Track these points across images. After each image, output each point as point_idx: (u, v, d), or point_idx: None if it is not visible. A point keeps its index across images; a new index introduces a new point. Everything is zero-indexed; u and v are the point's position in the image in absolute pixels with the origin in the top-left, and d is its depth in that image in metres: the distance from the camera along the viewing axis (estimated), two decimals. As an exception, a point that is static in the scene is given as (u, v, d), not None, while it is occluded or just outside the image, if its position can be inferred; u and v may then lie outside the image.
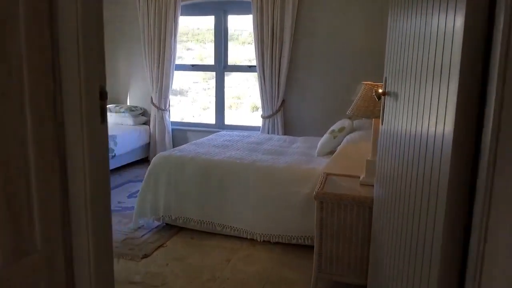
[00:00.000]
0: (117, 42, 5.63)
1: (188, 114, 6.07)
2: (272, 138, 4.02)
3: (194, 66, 5.56)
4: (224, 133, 4.30)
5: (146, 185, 3.12)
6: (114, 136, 4.72)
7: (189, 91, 6.23)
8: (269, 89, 4.82)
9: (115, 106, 5.45)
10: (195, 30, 5.76)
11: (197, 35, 5.78)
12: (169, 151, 3.27)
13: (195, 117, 6.06)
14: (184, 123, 5.76)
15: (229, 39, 5.31)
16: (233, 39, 5.47)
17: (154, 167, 3.12)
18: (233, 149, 3.43)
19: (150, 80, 5.34)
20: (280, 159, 3.08)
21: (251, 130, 5.24)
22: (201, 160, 3.03)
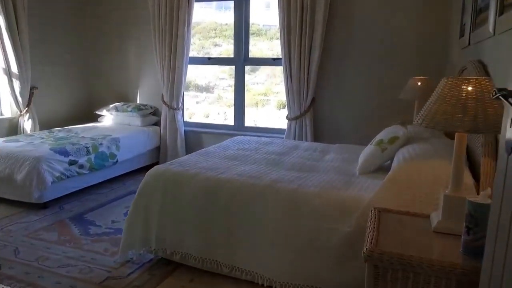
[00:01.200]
0: (126, 33, 5.01)
1: (213, 112, 5.66)
2: (299, 146, 3.24)
3: (211, 60, 4.85)
4: (241, 139, 3.56)
5: (136, 209, 2.43)
6: (116, 139, 4.10)
7: (216, 88, 5.86)
8: (296, 86, 4.04)
9: (123, 105, 4.84)
10: (223, 26, 5.32)
11: (225, 30, 5.35)
12: (166, 165, 2.57)
13: (220, 114, 5.62)
14: (199, 124, 5.08)
15: (256, 35, 4.72)
16: (261, 34, 5.06)
17: (145, 185, 2.43)
18: (248, 162, 2.68)
19: (161, 75, 4.68)
20: (309, 178, 2.30)
21: (275, 134, 4.48)
22: (205, 179, 2.31)
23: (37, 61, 4.49)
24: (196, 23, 5.14)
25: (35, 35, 4.42)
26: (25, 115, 4.27)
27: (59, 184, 3.45)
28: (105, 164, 3.89)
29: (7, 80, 4.10)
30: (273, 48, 4.93)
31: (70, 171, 3.50)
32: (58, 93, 4.85)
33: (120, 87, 5.20)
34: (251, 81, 5.99)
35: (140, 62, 5.03)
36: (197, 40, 5.29)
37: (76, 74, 5.11)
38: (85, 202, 3.59)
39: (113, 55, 5.13)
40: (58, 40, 4.79)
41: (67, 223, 3.09)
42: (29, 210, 3.32)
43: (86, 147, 3.72)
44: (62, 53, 4.87)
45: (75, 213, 3.31)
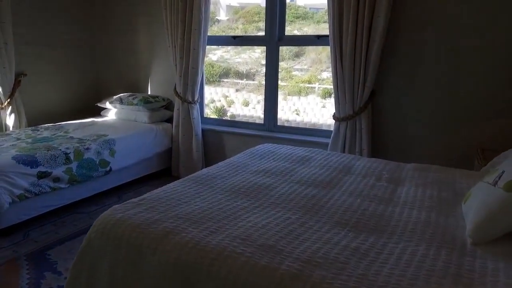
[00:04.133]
0: (135, 8, 4.06)
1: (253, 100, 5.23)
2: (353, 168, 2.10)
3: (236, 39, 3.78)
4: (267, 149, 2.49)
5: (75, 278, 1.46)
6: (110, 142, 3.19)
7: (257, 75, 5.43)
8: (348, 73, 2.87)
9: (128, 96, 3.92)
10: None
11: None
12: (128, 205, 1.56)
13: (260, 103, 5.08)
14: (221, 121, 4.06)
15: (302, 18, 3.88)
16: (307, 18, 4.68)
17: (88, 244, 1.44)
18: (267, 201, 1.60)
19: (173, 58, 3.69)
20: (378, 255, 1.18)
21: (317, 138, 3.35)
22: (179, 247, 1.26)
23: (25, 41, 3.66)
24: (240, 7, 4.80)
25: (22, 8, 3.58)
26: (7, 109, 3.47)
27: (24, 204, 2.59)
28: (92, 174, 2.99)
29: (-19, 65, 3.30)
30: (320, 32, 4.16)
31: (39, 187, 2.63)
32: (52, 82, 4.02)
33: (129, 74, 4.29)
34: (294, 68, 5.30)
35: (152, 44, 4.07)
36: (240, 25, 4.84)
37: (77, 58, 4.25)
38: (60, 227, 2.72)
39: (120, 36, 4.21)
40: (54, 16, 3.93)
41: (20, 265, 2.22)
42: (-18, 239, 2.50)
43: (66, 153, 2.83)
44: (59, 33, 4.01)
45: (39, 247, 2.43)
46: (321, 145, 3.18)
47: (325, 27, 4.44)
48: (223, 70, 5.68)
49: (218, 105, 5.79)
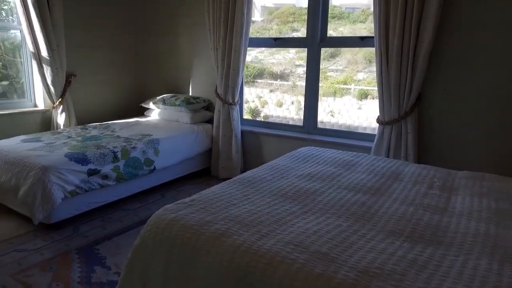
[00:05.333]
0: (178, 11, 4.16)
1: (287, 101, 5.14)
2: (402, 174, 2.04)
3: (277, 41, 3.78)
4: (310, 152, 2.47)
5: (129, 276, 1.51)
6: (155, 141, 3.28)
7: (291, 75, 5.37)
8: (395, 75, 2.80)
9: (171, 97, 4.02)
10: (302, 10, 4.67)
11: (304, 14, 4.61)
12: (178, 206, 1.59)
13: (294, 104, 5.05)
14: (260, 123, 4.06)
15: (338, 18, 3.87)
16: (342, 18, 4.52)
17: (142, 243, 1.48)
18: (316, 207, 1.59)
19: (215, 60, 3.75)
20: (438, 265, 1.14)
21: (358, 141, 3.29)
22: (233, 249, 1.28)
23: (75, 44, 3.84)
24: (275, 7, 4.73)
25: (73, 13, 3.77)
26: (58, 108, 3.66)
27: (75, 199, 2.71)
28: (138, 172, 3.09)
29: (37, 66, 3.49)
30: (356, 33, 4.09)
31: (89, 184, 2.75)
32: (100, 82, 4.19)
33: (171, 76, 4.40)
34: (329, 68, 5.28)
35: (193, 46, 4.15)
36: (274, 26, 4.76)
37: (123, 60, 4.41)
38: (107, 223, 2.83)
39: (164, 38, 4.33)
40: (102, 19, 4.09)
41: (70, 259, 2.33)
42: (37, 232, 2.65)
43: (114, 152, 2.94)
44: (108, 35, 4.18)
45: (88, 241, 2.54)
46: (363, 149, 3.11)
47: (362, 27, 4.36)
48: (257, 71, 5.71)
49: (251, 106, 5.83)
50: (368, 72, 4.73)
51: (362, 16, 4.51)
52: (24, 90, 3.69)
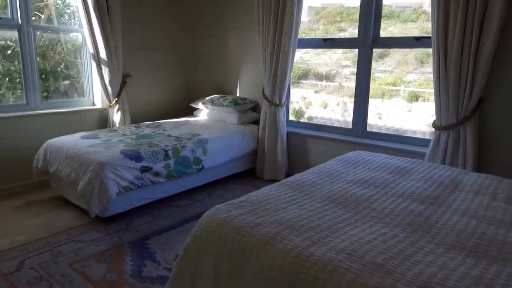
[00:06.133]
0: (228, 13, 4.22)
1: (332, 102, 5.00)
2: (461, 184, 1.92)
3: (326, 41, 3.72)
4: (360, 157, 2.40)
5: (179, 274, 1.55)
6: (204, 141, 3.35)
7: (337, 76, 5.29)
8: (454, 77, 2.64)
9: (219, 98, 4.09)
10: (350, 9, 4.67)
11: (352, 14, 4.65)
12: (229, 206, 1.61)
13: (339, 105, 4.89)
14: (307, 125, 4.02)
15: (387, 17, 3.82)
16: (392, 17, 4.30)
17: (193, 241, 1.52)
18: (370, 214, 1.53)
19: (263, 61, 3.76)
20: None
21: (411, 146, 3.15)
22: (283, 254, 1.27)
23: (131, 45, 4.02)
24: (322, 7, 4.68)
25: (129, 15, 3.94)
26: (114, 107, 3.85)
27: (128, 195, 2.84)
28: (187, 171, 3.18)
29: (96, 67, 3.69)
30: (407, 33, 3.90)
31: (142, 180, 2.86)
32: (153, 82, 4.36)
33: (220, 76, 4.48)
34: (377, 69, 5.21)
35: (242, 47, 4.19)
36: (321, 26, 4.69)
37: (175, 61, 4.56)
38: (157, 218, 2.93)
39: (213, 39, 4.41)
40: (154, 22, 4.26)
41: (123, 252, 2.44)
42: (92, 224, 2.80)
43: (165, 150, 3.04)
44: (161, 37, 4.34)
45: (139, 236, 2.65)
46: (415, 155, 2.98)
47: (413, 27, 4.16)
48: (302, 72, 5.66)
49: (296, 107, 5.80)
50: (419, 73, 4.53)
51: (413, 15, 4.32)
52: (84, 90, 3.93)
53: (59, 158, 2.94)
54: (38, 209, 3.04)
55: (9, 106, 3.35)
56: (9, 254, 2.35)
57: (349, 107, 4.37)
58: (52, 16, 3.65)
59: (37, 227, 2.72)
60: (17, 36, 3.32)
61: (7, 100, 3.39)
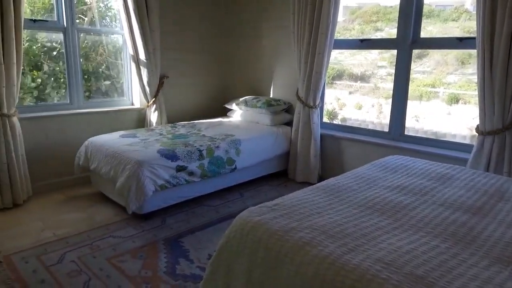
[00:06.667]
0: (264, 14, 4.23)
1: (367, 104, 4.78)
2: (508, 193, 1.82)
3: (363, 42, 3.64)
4: (398, 162, 2.33)
5: (213, 274, 1.57)
6: (237, 141, 3.38)
7: (372, 77, 5.18)
8: (500, 80, 2.51)
9: (253, 99, 4.11)
10: (387, 9, 4.56)
11: (389, 13, 4.56)
12: (263, 208, 1.61)
13: (374, 106, 4.69)
14: (341, 127, 3.95)
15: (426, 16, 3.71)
16: (432, 16, 4.12)
17: (228, 242, 1.53)
18: (409, 222, 1.48)
19: (298, 63, 3.74)
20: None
21: (452, 151, 3.03)
22: (318, 261, 1.25)
23: (168, 47, 4.12)
24: (358, 7, 4.60)
25: (167, 18, 4.04)
26: (151, 107, 3.96)
27: (163, 193, 2.91)
28: (220, 171, 3.21)
29: (135, 68, 3.81)
30: (447, 32, 3.73)
31: (177, 179, 2.93)
32: (188, 83, 4.44)
33: (253, 78, 4.50)
34: (415, 70, 5.10)
35: (276, 49, 4.19)
36: (356, 26, 4.59)
37: (210, 63, 4.62)
38: (191, 217, 2.99)
39: (248, 41, 4.44)
40: (191, 24, 4.33)
41: (158, 249, 2.50)
42: (129, 220, 2.90)
43: (200, 150, 3.09)
44: (197, 38, 4.42)
45: (174, 233, 2.71)
46: (458, 161, 2.85)
47: (454, 26, 3.99)
48: (336, 72, 5.58)
49: (329, 108, 5.73)
50: (460, 74, 4.34)
51: (454, 14, 4.14)
52: (123, 90, 4.07)
53: (99, 156, 3.06)
54: (79, 204, 3.18)
55: (53, 105, 3.53)
56: (51, 247, 2.47)
57: (384, 109, 4.24)
58: (94, 19, 3.81)
59: (78, 222, 2.84)
60: (62, 38, 3.49)
61: (52, 99, 3.57)
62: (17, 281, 2.09)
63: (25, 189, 3.15)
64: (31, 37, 3.39)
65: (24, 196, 3.14)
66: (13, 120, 2.99)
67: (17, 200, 3.07)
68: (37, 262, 2.28)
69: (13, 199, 3.05)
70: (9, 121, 2.96)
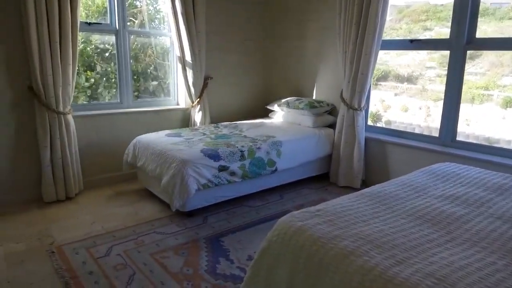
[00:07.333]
0: (308, 15, 4.18)
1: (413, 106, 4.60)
2: None
3: (413, 42, 3.49)
4: (449, 169, 2.20)
5: (254, 277, 1.57)
6: (278, 143, 3.37)
7: (420, 78, 5.02)
8: None
9: (295, 100, 4.08)
10: (437, 7, 4.39)
11: (439, 12, 4.40)
12: (305, 213, 1.58)
13: (421, 109, 4.53)
14: (388, 131, 3.81)
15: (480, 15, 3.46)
16: (486, 15, 3.93)
17: (270, 246, 1.52)
18: (462, 236, 1.40)
19: (343, 64, 3.66)
20: None
21: (509, 159, 2.82)
22: (365, 271, 1.21)
23: (213, 48, 4.18)
24: (406, 5, 4.46)
25: (213, 20, 4.11)
26: (196, 107, 4.05)
27: (205, 192, 2.96)
28: (261, 172, 3.22)
29: (181, 69, 3.91)
30: (503, 32, 3.53)
31: (219, 179, 2.97)
32: (231, 84, 4.49)
33: (296, 79, 4.46)
34: (467, 71, 4.85)
35: (320, 50, 4.12)
36: (404, 25, 4.45)
37: (253, 64, 4.64)
38: (231, 216, 3.02)
39: (292, 42, 4.41)
40: (236, 26, 4.38)
41: (200, 246, 2.54)
42: (173, 217, 2.98)
43: (241, 151, 3.11)
44: (240, 40, 4.45)
45: (215, 232, 2.75)
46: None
47: (510, 25, 3.72)
48: (381, 73, 5.41)
49: (373, 110, 5.56)
50: (517, 76, 4.05)
51: (511, 13, 3.87)
52: (170, 90, 4.19)
53: (146, 154, 3.17)
54: (126, 199, 3.31)
55: (105, 104, 3.70)
56: (100, 240, 2.59)
57: (432, 111, 4.05)
58: (144, 21, 3.95)
59: (125, 216, 2.96)
60: (114, 40, 3.65)
61: (104, 98, 3.75)
62: (68, 271, 2.21)
63: (77, 183, 3.33)
64: (85, 39, 3.58)
65: (76, 190, 3.33)
66: (68, 118, 3.17)
67: (69, 194, 3.25)
68: (87, 254, 2.41)
69: (66, 193, 3.24)
70: (64, 118, 3.14)
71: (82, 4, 3.42)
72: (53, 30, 2.91)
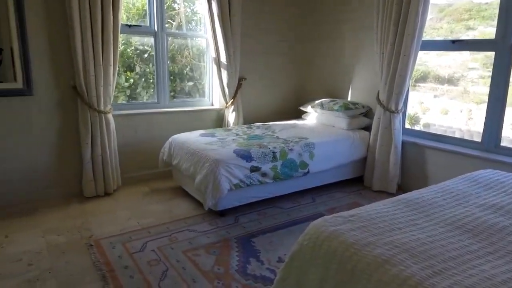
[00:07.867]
0: (344, 14, 4.11)
1: (454, 109, 4.39)
2: None
3: (455, 43, 3.35)
4: (495, 177, 2.09)
5: (283, 281, 1.56)
6: (311, 145, 3.34)
7: (461, 80, 4.81)
8: None
9: (329, 102, 4.02)
10: (481, 6, 4.22)
11: (483, 10, 4.23)
12: (338, 219, 1.55)
13: (462, 112, 4.32)
14: (426, 134, 3.68)
15: None
16: None
17: (300, 250, 1.51)
18: (505, 247, 1.32)
19: (380, 64, 3.57)
20: None
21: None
22: (398, 284, 1.17)
23: (247, 49, 4.21)
24: (447, 4, 4.29)
25: (248, 22, 4.13)
26: (230, 107, 4.09)
27: (237, 192, 2.99)
28: (293, 174, 3.20)
29: (216, 70, 3.97)
30: None
31: (251, 179, 2.98)
32: (265, 85, 4.50)
33: (331, 80, 4.40)
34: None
35: (356, 50, 4.04)
36: (445, 24, 4.29)
37: (287, 65, 4.63)
38: (262, 217, 3.02)
39: (327, 43, 4.35)
40: (270, 28, 4.38)
41: (231, 246, 2.57)
42: (206, 216, 3.02)
43: (273, 152, 3.11)
44: (275, 41, 4.45)
45: (246, 232, 2.76)
46: None
47: None
48: (420, 74, 5.22)
49: (410, 112, 5.37)
50: None
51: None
52: (205, 91, 4.26)
53: (181, 153, 3.24)
54: (161, 196, 3.40)
55: (143, 104, 3.82)
56: (135, 235, 2.68)
57: (474, 115, 3.85)
58: (181, 23, 4.04)
59: (159, 213, 3.05)
60: (153, 41, 3.76)
61: (142, 98, 3.87)
62: (105, 264, 2.30)
63: (115, 180, 3.46)
64: (126, 40, 3.71)
65: (115, 186, 3.46)
66: (108, 117, 3.30)
67: (108, 190, 3.39)
68: (123, 248, 2.49)
69: (105, 188, 3.38)
70: (105, 117, 3.27)
71: (123, 7, 3.54)
72: (96, 32, 3.04)
